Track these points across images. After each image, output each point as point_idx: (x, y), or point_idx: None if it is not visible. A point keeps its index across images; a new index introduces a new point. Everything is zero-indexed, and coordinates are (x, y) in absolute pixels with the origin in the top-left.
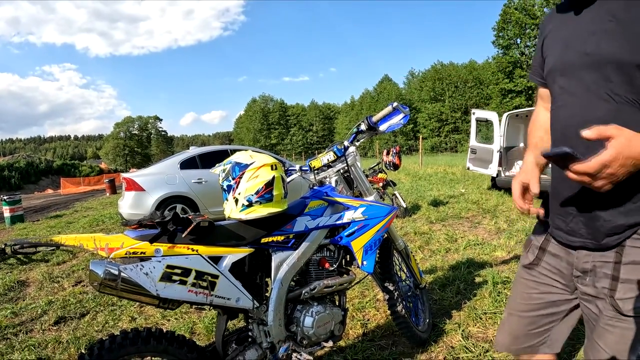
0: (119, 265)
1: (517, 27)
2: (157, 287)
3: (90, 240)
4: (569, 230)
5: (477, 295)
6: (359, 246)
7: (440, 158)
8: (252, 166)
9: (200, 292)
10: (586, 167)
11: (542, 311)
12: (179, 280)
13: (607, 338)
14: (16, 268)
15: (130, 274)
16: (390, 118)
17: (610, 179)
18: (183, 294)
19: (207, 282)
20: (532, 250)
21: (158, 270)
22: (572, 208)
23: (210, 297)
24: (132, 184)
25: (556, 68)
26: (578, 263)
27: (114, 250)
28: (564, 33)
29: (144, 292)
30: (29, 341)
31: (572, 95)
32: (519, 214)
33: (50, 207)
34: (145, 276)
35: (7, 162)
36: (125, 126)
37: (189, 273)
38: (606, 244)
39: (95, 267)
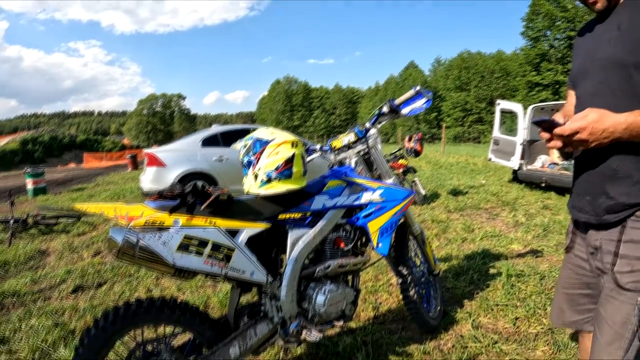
0: (138, 233)
1: (547, 19)
2: (173, 257)
3: (111, 208)
4: (579, 207)
5: (490, 287)
6: (375, 228)
7: (462, 148)
8: (273, 142)
9: (215, 263)
10: (561, 130)
11: (580, 291)
12: (196, 251)
13: (607, 308)
14: (37, 238)
15: (149, 243)
16: (413, 102)
17: (580, 144)
18: (199, 264)
19: (223, 255)
20: (568, 235)
21: (176, 240)
22: (583, 189)
23: (225, 270)
24: (153, 159)
25: (577, 73)
26: (590, 241)
27: (133, 219)
28: (585, 44)
29: (161, 260)
30: (47, 308)
31: (587, 94)
32: (539, 208)
33: (73, 181)
34: (162, 245)
35: (31, 136)
36: (148, 103)
37: (206, 244)
38: (606, 220)
39: (114, 234)
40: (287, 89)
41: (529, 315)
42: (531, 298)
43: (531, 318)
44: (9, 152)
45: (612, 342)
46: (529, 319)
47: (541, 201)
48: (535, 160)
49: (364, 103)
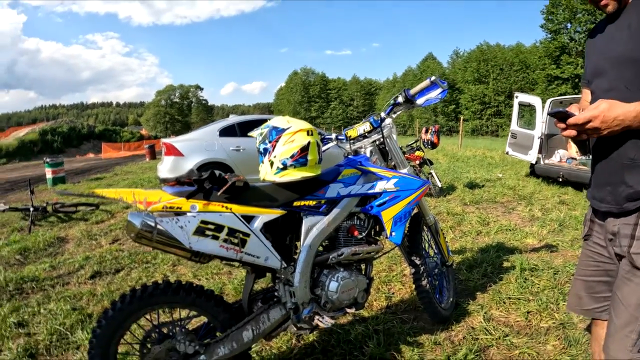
0: (156, 217)
1: (568, 11)
2: (190, 240)
3: (130, 194)
4: (600, 197)
5: (503, 280)
6: (389, 217)
7: (480, 141)
8: (289, 130)
9: (231, 248)
10: (575, 120)
11: (598, 278)
12: (212, 236)
13: (623, 289)
14: (57, 225)
15: (166, 226)
16: (428, 92)
17: (593, 132)
18: (215, 248)
19: (238, 240)
20: (586, 223)
21: (192, 224)
22: (603, 179)
23: (240, 254)
24: (171, 149)
25: (592, 72)
26: (608, 227)
27: (151, 204)
28: (598, 44)
29: (178, 244)
30: (65, 293)
31: (602, 91)
32: (555, 203)
33: (91, 170)
34: (180, 229)
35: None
36: (166, 94)
37: (222, 229)
38: (627, 208)
39: (133, 218)
40: (304, 80)
41: (541, 309)
42: (544, 292)
43: (543, 312)
44: (29, 142)
45: (627, 325)
46: (540, 313)
47: (558, 196)
48: (552, 155)
49: (381, 95)
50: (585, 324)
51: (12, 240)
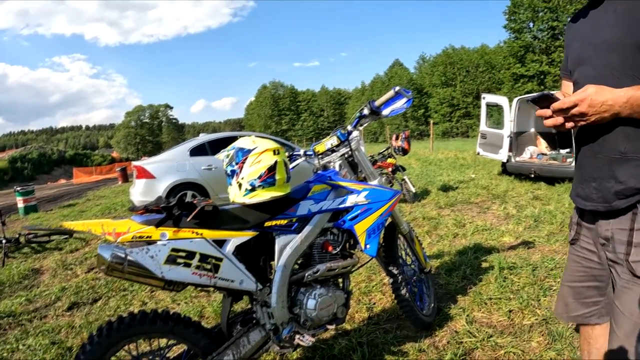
0: (126, 248)
1: (530, 10)
2: (162, 270)
3: (98, 225)
4: (585, 195)
5: (482, 281)
6: (362, 230)
7: (451, 143)
8: (255, 151)
9: (204, 274)
10: (560, 104)
11: (587, 283)
12: (184, 263)
13: (623, 299)
14: (30, 257)
15: (137, 257)
16: (393, 102)
17: (581, 118)
18: (187, 276)
19: (211, 265)
20: (572, 227)
21: (163, 253)
22: (588, 175)
23: (214, 279)
24: (142, 172)
25: (575, 61)
26: (600, 231)
27: (120, 235)
28: (581, 30)
29: (150, 274)
30: (43, 327)
31: (588, 78)
32: (529, 199)
33: (63, 197)
34: (150, 259)
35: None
36: (136, 115)
37: (194, 256)
38: (616, 206)
39: (102, 251)
40: (273, 93)
41: (522, 307)
42: (524, 290)
43: (525, 310)
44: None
45: (631, 334)
46: (522, 311)
47: (531, 192)
48: (523, 152)
49: (351, 104)
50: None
51: None
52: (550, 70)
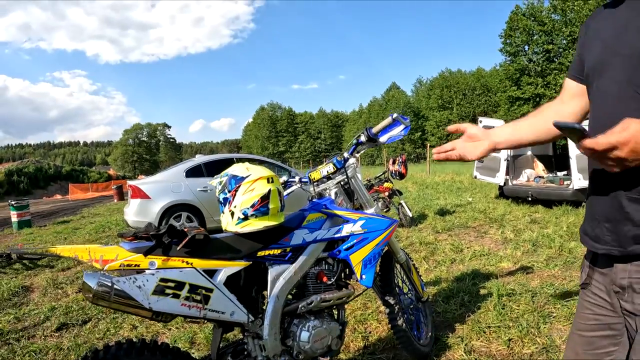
0: (112, 277)
1: (525, 34)
2: (149, 300)
3: (85, 251)
4: (595, 236)
5: (481, 308)
6: (357, 260)
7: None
8: (248, 179)
9: (193, 305)
10: (594, 144)
11: (599, 332)
12: (172, 294)
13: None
14: (21, 273)
15: (123, 287)
16: (390, 129)
17: (618, 163)
18: (176, 307)
19: (200, 296)
20: (584, 269)
21: (151, 283)
22: (601, 214)
23: (203, 311)
24: (137, 192)
25: (594, 68)
26: (615, 278)
27: (108, 262)
28: (602, 32)
29: (137, 304)
30: (31, 347)
31: (606, 97)
32: (527, 223)
33: (58, 213)
34: (138, 289)
35: (16, 167)
36: (134, 133)
37: (183, 286)
38: (633, 251)
39: (88, 278)
40: (271, 115)
41: (522, 335)
42: (524, 317)
43: (525, 338)
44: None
45: None
46: (522, 340)
47: (529, 215)
48: (520, 175)
49: (348, 127)
50: None
51: None
52: (545, 92)
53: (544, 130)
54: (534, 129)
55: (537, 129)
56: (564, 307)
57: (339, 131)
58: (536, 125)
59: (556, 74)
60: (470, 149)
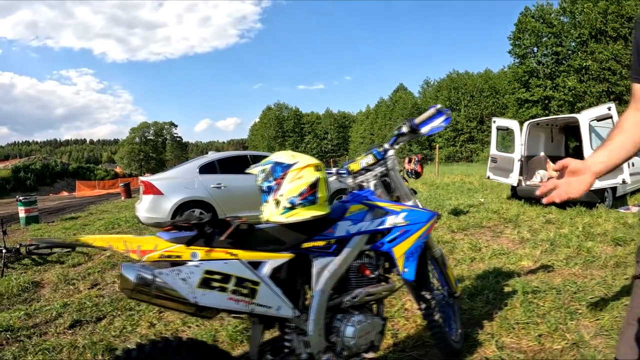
0: (154, 269)
1: (534, 36)
2: (195, 294)
3: (120, 241)
4: None
5: (507, 305)
6: (400, 252)
7: (455, 167)
8: (296, 166)
9: (240, 299)
10: None
11: None
12: (219, 287)
13: None
14: (31, 269)
15: (167, 279)
16: (432, 120)
17: None
18: (223, 301)
19: (247, 289)
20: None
21: (196, 275)
22: None
23: (251, 306)
24: (150, 187)
25: None
26: None
27: (146, 253)
28: None
29: (181, 299)
30: (43, 345)
31: None
32: (542, 223)
33: (65, 209)
34: (182, 282)
35: (23, 164)
36: (140, 131)
37: (229, 279)
38: None
39: (127, 271)
40: (278, 115)
41: (551, 331)
42: (550, 314)
43: (554, 334)
44: (1, 179)
45: None
46: (552, 335)
47: (543, 216)
48: (533, 176)
49: (355, 127)
50: (597, 342)
51: None
52: (554, 95)
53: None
54: (625, 148)
55: (627, 148)
56: (588, 304)
57: (345, 132)
58: (625, 143)
59: (565, 76)
60: (575, 186)
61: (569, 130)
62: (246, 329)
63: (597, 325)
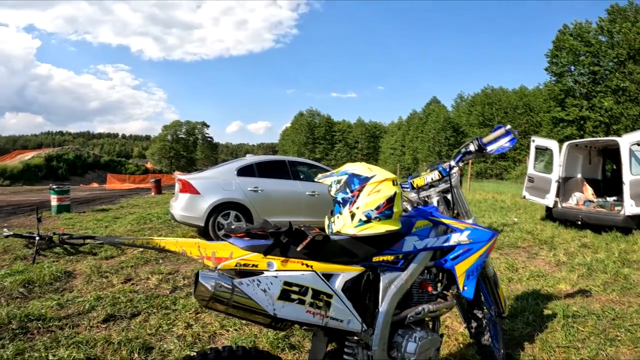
0: (233, 279)
1: (571, 54)
2: (275, 306)
3: (194, 246)
4: None
5: (548, 328)
6: (462, 270)
7: (486, 184)
8: (374, 179)
9: (317, 312)
10: None
11: None
12: (298, 300)
13: None
14: (62, 257)
15: (247, 290)
16: (499, 140)
17: None
18: (301, 314)
19: (322, 302)
20: None
21: (276, 287)
22: None
23: (325, 319)
24: (187, 186)
25: None
26: None
27: (221, 261)
28: None
29: (259, 310)
30: (76, 337)
31: None
32: (577, 247)
33: (96, 201)
34: (263, 293)
35: (56, 153)
36: (173, 129)
37: (307, 291)
38: None
39: (204, 279)
40: (309, 121)
41: (592, 356)
42: (590, 339)
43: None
44: (34, 166)
45: None
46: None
47: (578, 239)
48: (570, 198)
49: (386, 138)
50: None
51: (15, 270)
52: (590, 115)
53: None
54: None
55: None
56: (627, 331)
57: (376, 142)
58: None
59: (601, 96)
60: None
61: (607, 153)
62: (286, 337)
63: (635, 354)
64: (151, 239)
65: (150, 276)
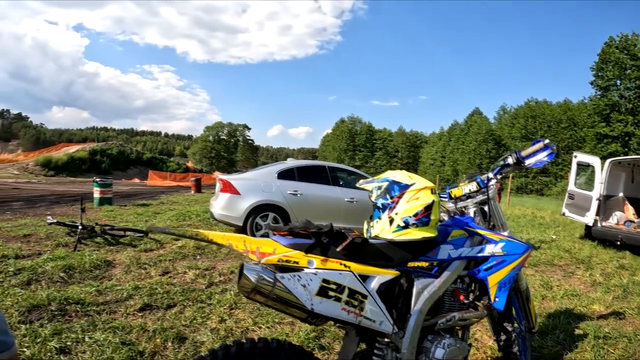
0: (275, 273)
1: (617, 67)
2: (312, 301)
3: (240, 241)
4: None
5: (577, 348)
6: (494, 282)
7: (526, 200)
8: (413, 187)
9: (352, 311)
10: None
11: None
12: (335, 297)
13: None
14: (103, 247)
15: (287, 284)
16: (537, 154)
17: None
18: (336, 311)
19: (357, 302)
20: None
21: (315, 283)
22: None
23: (359, 318)
24: (228, 186)
25: None
26: None
27: (265, 255)
28: None
29: (298, 304)
30: (113, 323)
31: None
32: (615, 268)
33: (137, 196)
34: (302, 288)
35: (101, 147)
36: (215, 130)
37: (343, 290)
38: None
39: (249, 272)
40: (351, 128)
41: None
42: None
43: None
44: (78, 159)
45: None
46: None
47: (616, 260)
48: (610, 217)
49: (426, 148)
50: None
51: (56, 256)
52: (635, 132)
53: None
54: None
55: None
56: None
57: (416, 152)
58: None
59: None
60: None
61: None
62: (317, 337)
63: None
64: (200, 231)
65: (187, 270)
